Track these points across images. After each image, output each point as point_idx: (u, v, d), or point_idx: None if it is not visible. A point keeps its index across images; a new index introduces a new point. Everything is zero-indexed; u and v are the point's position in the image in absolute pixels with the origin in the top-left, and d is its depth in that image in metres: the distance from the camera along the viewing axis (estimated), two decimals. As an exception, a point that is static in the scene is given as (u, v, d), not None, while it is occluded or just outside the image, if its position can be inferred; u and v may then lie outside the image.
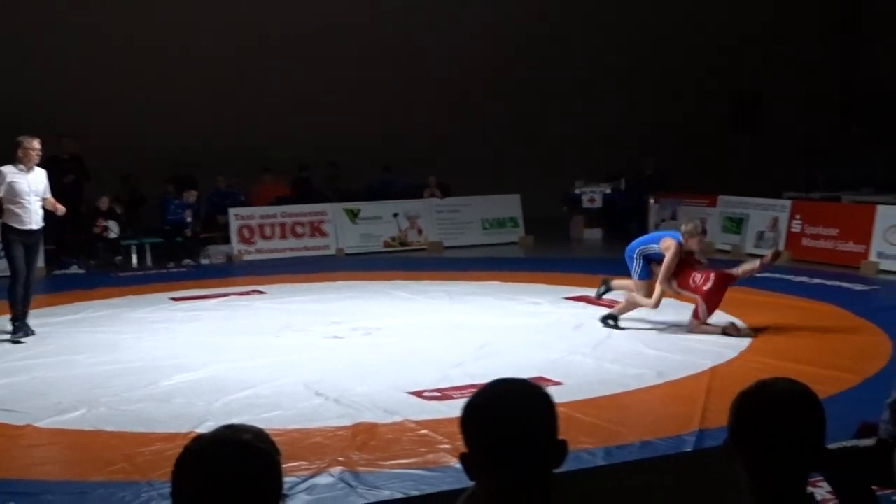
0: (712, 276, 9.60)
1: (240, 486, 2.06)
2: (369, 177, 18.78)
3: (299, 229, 16.86)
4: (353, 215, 17.13)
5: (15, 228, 10.00)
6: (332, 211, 17.08)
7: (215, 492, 2.03)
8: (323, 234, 16.96)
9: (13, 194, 9.95)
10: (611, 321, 9.91)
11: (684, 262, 9.71)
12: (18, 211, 9.96)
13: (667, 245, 9.73)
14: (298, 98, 19.18)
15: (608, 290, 10.65)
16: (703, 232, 10.09)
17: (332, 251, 16.84)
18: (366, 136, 19.25)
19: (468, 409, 2.38)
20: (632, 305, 9.96)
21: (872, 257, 13.77)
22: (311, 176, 18.47)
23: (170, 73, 18.57)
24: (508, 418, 2.35)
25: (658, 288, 9.72)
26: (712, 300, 9.59)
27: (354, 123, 19.34)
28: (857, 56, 23.58)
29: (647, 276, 9.94)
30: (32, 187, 10.04)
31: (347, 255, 16.69)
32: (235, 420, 6.93)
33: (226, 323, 10.78)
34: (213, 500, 2.03)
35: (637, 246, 10.06)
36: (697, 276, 9.65)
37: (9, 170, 9.98)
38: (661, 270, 9.70)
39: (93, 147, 16.40)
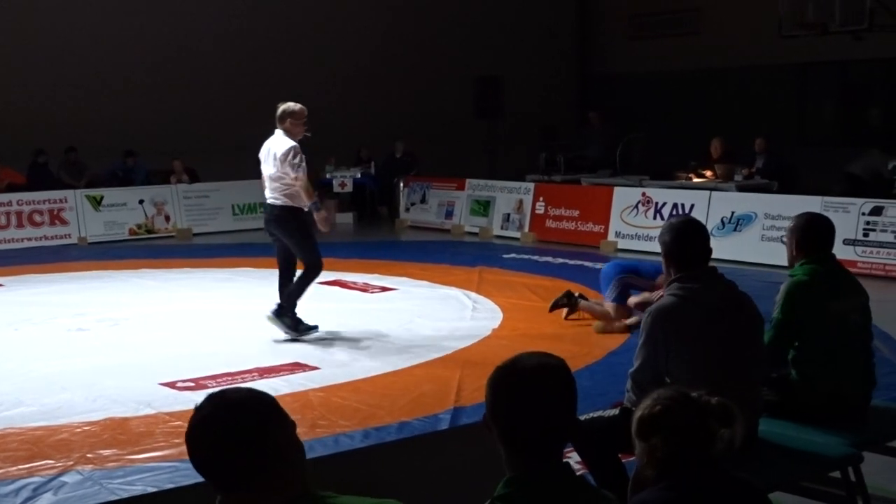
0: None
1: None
2: (110, 162, 18.05)
3: (37, 217, 16.07)
4: (96, 202, 16.47)
5: (302, 210, 8.76)
6: (74, 198, 16.36)
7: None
8: (64, 222, 16.22)
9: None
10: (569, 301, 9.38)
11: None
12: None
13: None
14: (29, 80, 18.18)
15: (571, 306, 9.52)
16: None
17: (73, 240, 16.12)
18: (106, 120, 18.50)
19: (187, 435, 2.39)
20: (600, 315, 9.27)
21: (611, 237, 14.46)
22: (49, 161, 17.59)
23: None
24: (225, 436, 2.37)
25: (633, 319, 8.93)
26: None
27: (94, 107, 18.55)
28: (591, 45, 24.67)
29: (622, 301, 9.19)
30: None
31: (91, 243, 16.04)
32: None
33: (-42, 318, 10.14)
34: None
35: (621, 272, 9.34)
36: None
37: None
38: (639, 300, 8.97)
39: None
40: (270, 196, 8.78)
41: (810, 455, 4.31)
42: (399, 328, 9.28)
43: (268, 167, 8.75)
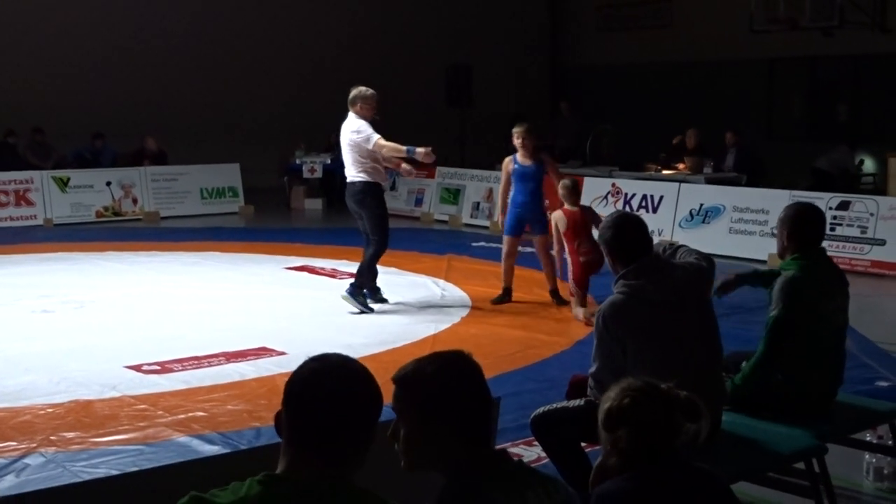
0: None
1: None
2: (78, 144, 17.89)
3: (3, 198, 15.90)
4: (63, 184, 16.33)
5: (381, 187, 9.44)
6: (40, 179, 16.20)
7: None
8: (30, 203, 16.06)
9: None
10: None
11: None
12: (381, 168, 9.37)
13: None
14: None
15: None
16: (569, 187, 10.07)
17: (39, 221, 15.97)
18: (73, 101, 18.34)
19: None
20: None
21: (580, 227, 14.44)
22: (18, 143, 17.41)
23: None
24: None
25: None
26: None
27: (61, 88, 18.37)
28: (562, 36, 24.69)
29: None
30: None
31: (56, 225, 15.90)
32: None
33: (-80, 298, 10.02)
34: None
35: None
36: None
37: None
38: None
39: None
40: (350, 174, 9.27)
41: (775, 446, 4.34)
42: (369, 314, 9.26)
43: (344, 148, 9.31)
